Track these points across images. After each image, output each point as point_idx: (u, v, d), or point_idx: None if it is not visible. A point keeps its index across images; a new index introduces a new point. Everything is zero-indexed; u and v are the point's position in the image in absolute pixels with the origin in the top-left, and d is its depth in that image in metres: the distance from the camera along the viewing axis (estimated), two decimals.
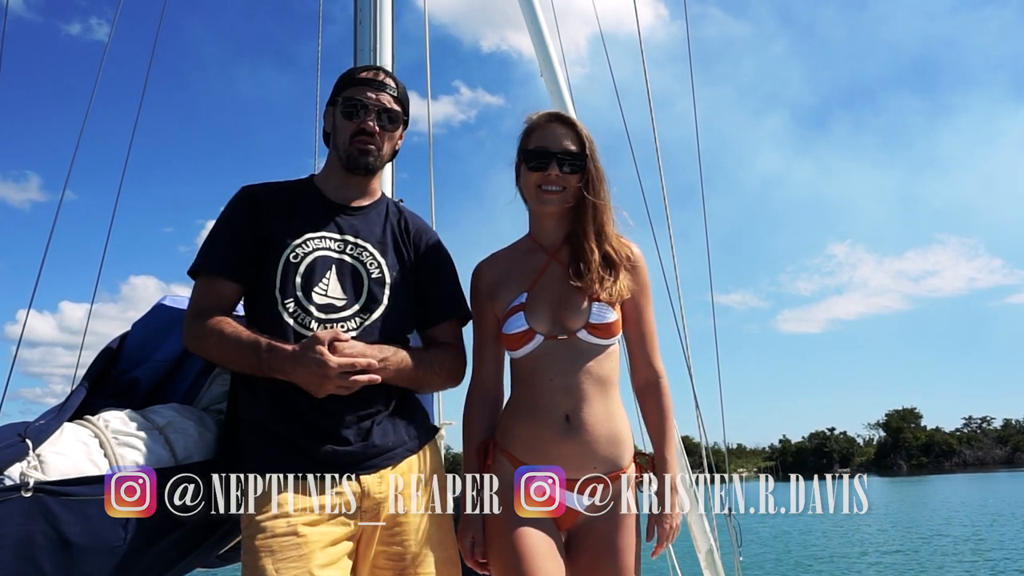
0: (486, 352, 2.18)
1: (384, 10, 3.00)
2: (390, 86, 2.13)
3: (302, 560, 1.76)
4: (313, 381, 1.84)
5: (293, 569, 1.74)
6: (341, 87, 2.14)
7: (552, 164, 2.11)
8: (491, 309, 2.15)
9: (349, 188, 2.14)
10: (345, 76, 2.17)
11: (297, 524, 1.79)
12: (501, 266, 2.19)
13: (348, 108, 2.08)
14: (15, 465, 1.64)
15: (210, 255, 2.01)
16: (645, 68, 4.07)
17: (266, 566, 1.73)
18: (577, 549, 2.05)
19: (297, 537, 1.78)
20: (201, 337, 1.94)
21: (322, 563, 1.79)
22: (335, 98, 2.14)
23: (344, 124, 2.09)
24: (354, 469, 1.91)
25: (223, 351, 1.92)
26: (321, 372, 1.82)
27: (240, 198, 2.08)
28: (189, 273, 2.03)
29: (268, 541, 1.76)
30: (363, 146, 2.07)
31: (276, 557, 1.74)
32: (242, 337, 1.90)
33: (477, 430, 2.14)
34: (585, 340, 2.04)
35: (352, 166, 2.09)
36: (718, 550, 3.69)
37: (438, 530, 2.02)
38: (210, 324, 1.93)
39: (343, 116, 2.09)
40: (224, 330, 1.91)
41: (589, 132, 2.15)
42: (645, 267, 2.20)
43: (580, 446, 2.01)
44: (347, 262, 2.03)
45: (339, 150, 2.11)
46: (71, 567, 1.63)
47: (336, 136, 2.12)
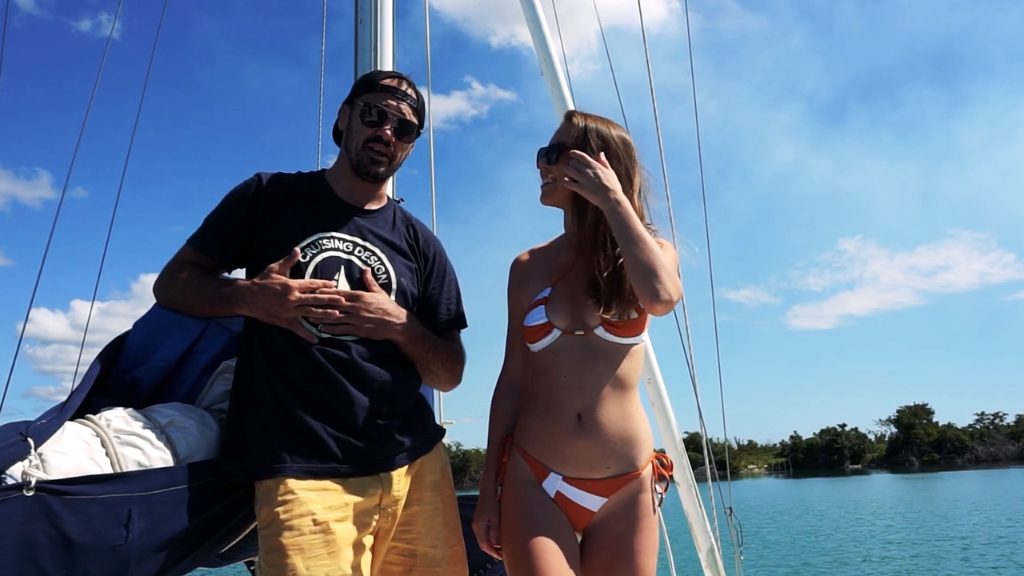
0: (515, 343, 2.20)
1: (385, 9, 3.00)
2: (411, 97, 2.13)
3: (332, 557, 1.77)
4: (275, 304, 1.90)
5: (324, 567, 1.75)
6: (361, 89, 2.13)
7: (541, 157, 2.14)
8: (520, 301, 2.16)
9: (358, 191, 2.15)
10: (367, 80, 2.16)
11: (327, 522, 1.81)
12: (534, 260, 2.21)
13: (366, 113, 2.08)
14: (17, 464, 1.64)
15: (205, 235, 2.08)
16: (648, 62, 4.05)
17: (296, 564, 1.74)
18: (593, 549, 2.04)
19: (327, 535, 1.79)
20: (167, 284, 2.03)
21: (351, 560, 1.81)
22: (354, 99, 2.13)
23: (360, 128, 2.09)
24: (378, 466, 1.94)
25: (186, 294, 2.00)
26: (283, 292, 1.89)
27: (251, 183, 2.10)
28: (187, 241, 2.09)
29: (297, 539, 1.77)
30: (377, 155, 2.09)
31: (306, 555, 1.75)
32: (206, 280, 2.00)
33: (501, 419, 2.16)
34: (602, 338, 2.02)
35: (362, 171, 2.10)
36: (719, 549, 3.68)
37: (445, 527, 2.06)
38: (178, 272, 2.04)
39: (361, 120, 2.09)
40: (191, 275, 2.01)
41: (599, 126, 2.10)
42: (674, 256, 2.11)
43: (593, 446, 2.00)
44: (356, 264, 2.04)
45: (351, 152, 2.11)
46: (72, 566, 1.63)
47: (350, 138, 2.12)
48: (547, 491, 2.03)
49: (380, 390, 1.97)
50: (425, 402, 2.17)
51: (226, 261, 2.08)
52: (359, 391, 1.94)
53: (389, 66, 3.01)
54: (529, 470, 2.04)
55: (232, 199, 2.09)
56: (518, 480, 2.05)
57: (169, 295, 2.03)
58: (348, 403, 1.92)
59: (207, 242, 2.07)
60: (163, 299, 2.05)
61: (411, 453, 2.02)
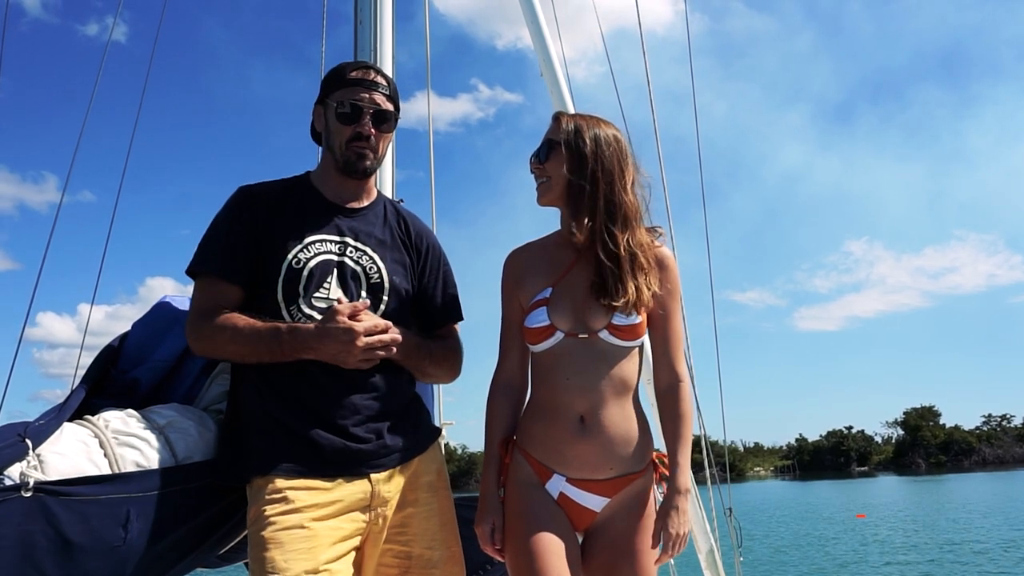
0: (511, 342, 2.16)
1: (384, 10, 2.99)
2: (382, 84, 2.08)
3: (311, 553, 1.76)
4: (341, 350, 1.85)
5: (302, 561, 1.74)
6: (331, 87, 2.08)
7: (533, 157, 2.13)
8: (517, 298, 2.14)
9: (346, 190, 2.12)
10: (334, 75, 2.10)
11: (306, 518, 1.80)
12: (531, 256, 2.18)
13: (342, 111, 2.04)
14: (15, 465, 1.64)
15: (211, 257, 1.98)
16: (646, 63, 4.04)
17: (275, 558, 1.73)
18: (594, 550, 2.04)
19: (305, 530, 1.78)
20: (211, 336, 1.92)
21: (329, 557, 1.80)
22: (324, 98, 2.09)
23: (339, 128, 2.05)
24: (366, 467, 1.92)
25: (239, 344, 1.89)
26: (348, 338, 1.84)
27: (239, 198, 2.05)
28: (188, 273, 2.00)
29: (277, 533, 1.76)
30: (360, 151, 2.04)
31: (285, 549, 1.75)
32: (258, 326, 1.89)
33: (499, 420, 2.13)
34: (606, 340, 2.02)
35: (350, 171, 2.07)
36: (719, 550, 3.67)
37: (441, 528, 2.04)
38: (220, 321, 1.91)
39: (338, 120, 2.05)
40: (237, 324, 1.89)
41: (588, 125, 2.09)
42: (675, 269, 2.15)
43: (595, 447, 1.99)
44: (348, 265, 2.02)
45: (334, 153, 2.08)
46: (71, 567, 1.63)
47: (330, 139, 2.08)
48: (550, 493, 2.02)
49: (369, 391, 1.95)
50: (421, 402, 2.15)
51: (247, 283, 1.98)
52: (347, 392, 1.92)
53: (390, 67, 3.00)
54: (532, 472, 2.04)
55: (230, 217, 2.02)
56: (520, 482, 2.04)
57: (215, 346, 1.93)
58: (336, 404, 1.91)
59: (218, 263, 1.97)
60: (208, 351, 1.96)
61: (403, 454, 2.00)
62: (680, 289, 2.18)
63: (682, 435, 2.10)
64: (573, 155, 2.05)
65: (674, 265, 2.15)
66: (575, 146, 2.05)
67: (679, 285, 2.17)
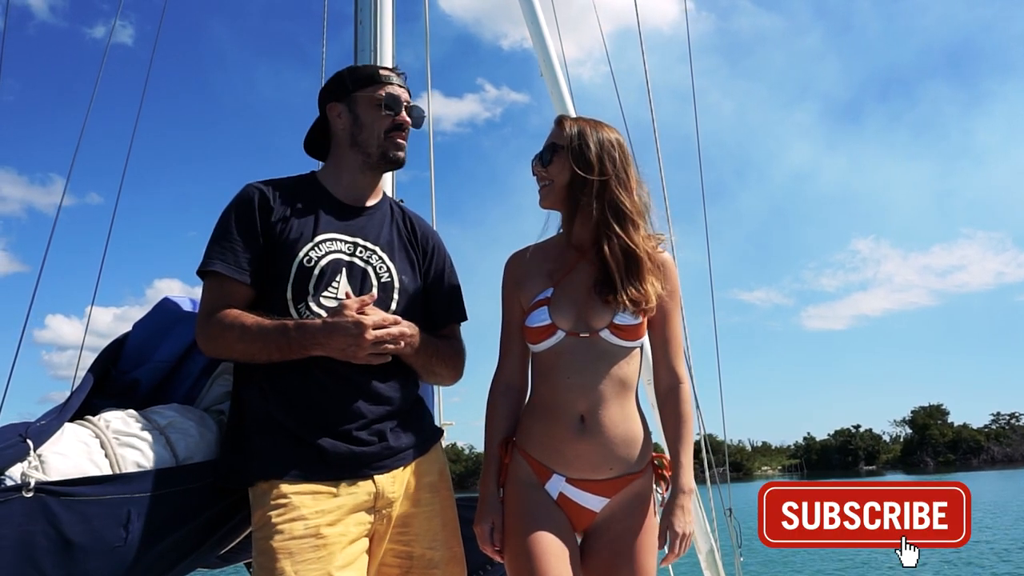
0: (512, 343, 2.17)
1: (384, 10, 3.00)
2: (406, 84, 2.16)
3: (321, 562, 1.76)
4: (350, 343, 1.85)
5: (313, 571, 1.74)
6: (359, 83, 2.10)
7: (535, 161, 2.14)
8: (518, 300, 2.14)
9: (360, 188, 2.13)
10: (361, 72, 2.14)
11: (318, 526, 1.80)
12: (532, 258, 2.18)
13: (385, 101, 2.07)
14: (16, 465, 1.65)
15: (220, 256, 1.96)
16: (645, 63, 4.05)
17: (286, 568, 1.73)
18: (594, 550, 2.04)
19: (317, 539, 1.78)
20: (220, 336, 1.92)
21: (341, 564, 1.80)
22: (349, 94, 2.10)
23: (378, 118, 2.08)
24: (370, 469, 1.92)
25: (248, 343, 1.89)
26: (357, 332, 1.84)
27: (247, 196, 2.03)
28: (199, 273, 1.99)
29: (287, 543, 1.76)
30: (400, 140, 2.10)
31: (295, 559, 1.75)
32: (266, 324, 1.89)
33: (499, 420, 2.14)
34: (607, 340, 2.02)
35: (386, 162, 2.11)
36: (719, 550, 3.67)
37: (443, 528, 2.05)
38: (229, 320, 1.91)
39: (379, 108, 2.07)
40: (246, 323, 1.90)
41: (591, 129, 2.10)
42: (675, 273, 2.17)
43: (595, 447, 1.99)
44: (357, 265, 2.03)
45: (367, 146, 2.08)
46: (72, 568, 1.64)
47: (362, 133, 2.08)
48: (550, 493, 2.02)
49: (373, 393, 1.95)
50: (422, 403, 2.15)
51: (253, 278, 1.97)
52: (351, 394, 1.93)
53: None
54: (531, 472, 2.04)
55: (238, 215, 2.00)
56: (520, 482, 2.05)
57: (224, 346, 1.93)
58: (340, 406, 1.91)
59: (228, 263, 1.96)
60: (218, 352, 1.97)
61: (407, 455, 2.01)
62: (680, 292, 2.19)
63: (684, 436, 2.11)
64: (576, 159, 2.06)
65: (674, 269, 2.17)
66: (578, 150, 2.07)
67: (679, 288, 2.19)
